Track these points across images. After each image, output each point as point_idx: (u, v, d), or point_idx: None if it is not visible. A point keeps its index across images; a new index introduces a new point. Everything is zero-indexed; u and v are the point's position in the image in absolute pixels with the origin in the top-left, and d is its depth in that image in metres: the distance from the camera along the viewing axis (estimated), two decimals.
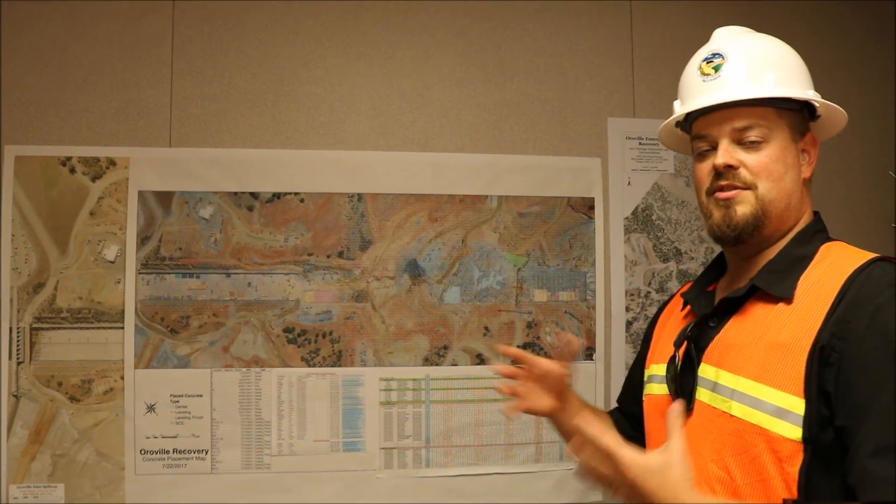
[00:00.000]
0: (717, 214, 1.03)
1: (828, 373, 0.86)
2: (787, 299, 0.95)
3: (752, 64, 1.03)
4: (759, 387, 0.92)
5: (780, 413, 0.89)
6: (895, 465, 0.78)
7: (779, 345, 0.92)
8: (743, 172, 1.00)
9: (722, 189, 1.02)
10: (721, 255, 1.15)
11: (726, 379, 0.97)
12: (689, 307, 1.14)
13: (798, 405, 0.87)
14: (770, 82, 1.01)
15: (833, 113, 1.06)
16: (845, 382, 0.85)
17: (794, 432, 0.87)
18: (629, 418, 1.30)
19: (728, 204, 1.01)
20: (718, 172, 1.01)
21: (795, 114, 1.02)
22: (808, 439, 0.86)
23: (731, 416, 0.94)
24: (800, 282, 0.96)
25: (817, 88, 1.06)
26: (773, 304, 0.97)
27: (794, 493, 0.86)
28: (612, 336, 1.94)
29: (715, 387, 0.98)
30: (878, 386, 0.83)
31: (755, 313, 0.99)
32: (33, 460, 1.73)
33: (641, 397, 1.23)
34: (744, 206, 1.00)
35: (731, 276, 1.09)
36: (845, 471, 0.84)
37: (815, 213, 1.07)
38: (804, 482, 0.86)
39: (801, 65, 1.06)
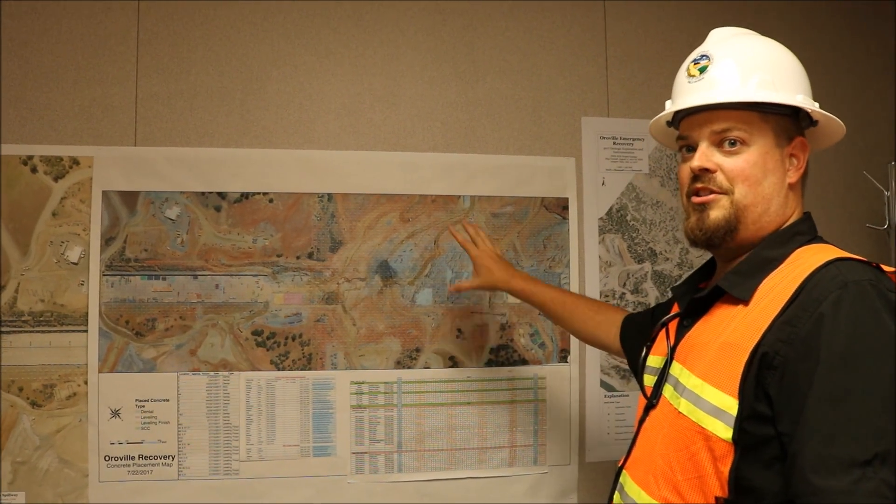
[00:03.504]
0: (692, 218, 1.04)
1: (771, 375, 0.86)
2: (745, 301, 0.95)
3: (737, 67, 1.01)
4: (703, 385, 0.93)
5: (717, 412, 0.90)
6: (835, 479, 0.79)
7: (727, 345, 0.93)
8: (719, 177, 1.00)
9: (698, 193, 1.02)
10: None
11: (685, 376, 0.98)
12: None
13: (732, 406, 0.88)
14: (754, 86, 1.00)
15: (830, 121, 1.04)
16: (788, 389, 0.85)
17: (727, 432, 0.88)
18: (624, 326, 1.42)
19: (703, 208, 1.01)
20: (696, 175, 1.02)
21: (783, 118, 1.00)
22: (737, 440, 0.87)
23: (679, 412, 0.96)
24: (762, 284, 0.95)
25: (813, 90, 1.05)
26: (734, 306, 0.97)
27: (727, 492, 0.88)
28: None
29: (676, 384, 1.01)
30: (822, 398, 0.82)
31: (719, 314, 1.00)
32: None
33: (635, 332, 1.36)
34: (717, 211, 1.00)
35: (716, 277, 1.09)
36: (786, 478, 0.85)
37: (805, 215, 1.05)
38: (734, 480, 0.88)
39: (794, 68, 1.03)
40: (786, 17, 2.04)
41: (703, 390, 0.93)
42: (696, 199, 1.02)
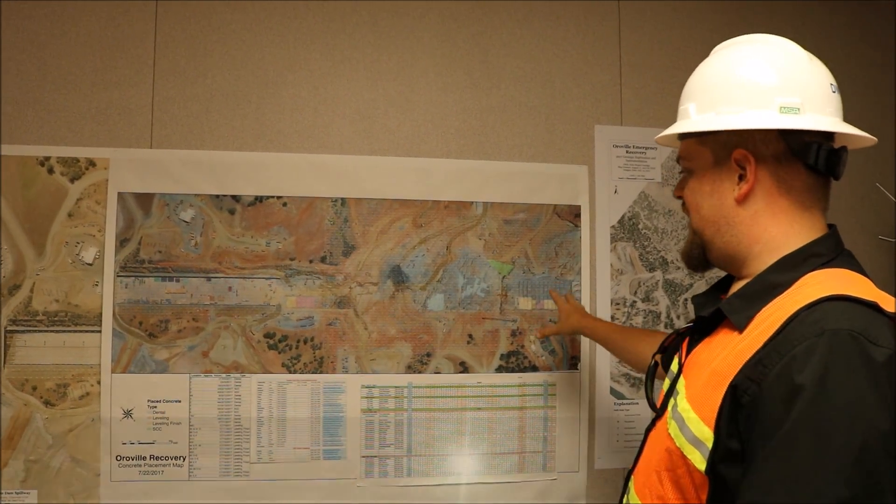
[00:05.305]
0: None
1: (740, 413, 0.82)
2: (740, 329, 0.90)
3: (684, 97, 1.04)
4: (689, 412, 0.90)
5: (696, 442, 0.87)
6: None
7: (715, 373, 0.88)
8: (686, 204, 1.06)
9: None
10: None
11: (680, 397, 0.95)
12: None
13: (709, 438, 0.85)
14: (691, 114, 1.00)
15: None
16: (750, 430, 0.81)
17: (702, 464, 0.85)
18: None
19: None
20: None
21: (724, 134, 0.95)
22: (709, 473, 0.84)
23: (668, 433, 0.94)
24: (760, 312, 0.89)
25: None
26: (732, 332, 0.92)
27: None
28: (596, 345, 1.92)
29: (675, 401, 0.98)
30: (774, 448, 0.77)
31: (720, 337, 0.95)
32: (5, 466, 1.70)
33: None
34: (687, 237, 1.07)
35: (730, 293, 1.06)
36: None
37: (828, 231, 0.98)
38: None
39: (742, 82, 0.95)
40: (798, 25, 2.03)
41: (688, 417, 0.90)
42: None
